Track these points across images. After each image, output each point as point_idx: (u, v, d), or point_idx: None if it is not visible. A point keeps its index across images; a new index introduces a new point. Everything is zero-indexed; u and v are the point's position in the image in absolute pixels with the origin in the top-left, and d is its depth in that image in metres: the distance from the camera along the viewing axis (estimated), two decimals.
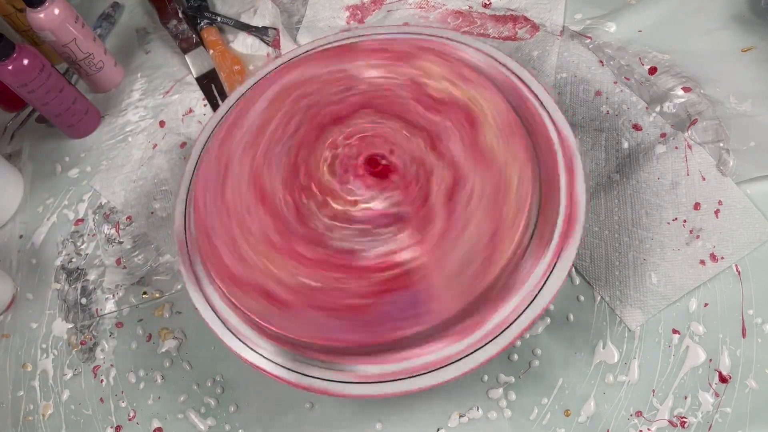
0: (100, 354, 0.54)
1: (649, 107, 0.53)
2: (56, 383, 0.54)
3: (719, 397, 0.43)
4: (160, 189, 0.60)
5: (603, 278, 0.47)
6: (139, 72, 0.69)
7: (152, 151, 0.63)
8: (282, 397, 0.48)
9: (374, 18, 0.65)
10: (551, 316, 0.47)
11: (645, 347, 0.45)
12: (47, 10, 0.59)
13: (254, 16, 0.68)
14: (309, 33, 0.65)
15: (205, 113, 0.64)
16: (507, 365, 0.46)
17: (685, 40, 0.55)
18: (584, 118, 0.54)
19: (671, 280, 0.46)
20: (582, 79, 0.56)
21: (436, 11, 0.64)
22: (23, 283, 0.59)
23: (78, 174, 0.64)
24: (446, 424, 0.46)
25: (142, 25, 0.73)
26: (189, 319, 0.53)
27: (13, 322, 0.57)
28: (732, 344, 0.44)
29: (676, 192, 0.49)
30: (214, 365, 0.51)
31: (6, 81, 0.57)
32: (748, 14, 0.55)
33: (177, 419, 0.50)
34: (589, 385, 0.45)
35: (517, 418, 0.45)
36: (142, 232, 0.58)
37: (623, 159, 0.51)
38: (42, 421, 0.52)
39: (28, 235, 0.62)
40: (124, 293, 0.56)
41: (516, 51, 0.59)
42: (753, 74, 0.52)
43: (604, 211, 0.50)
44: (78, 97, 0.63)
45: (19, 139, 0.69)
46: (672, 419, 0.43)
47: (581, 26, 0.59)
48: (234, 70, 0.65)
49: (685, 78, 0.53)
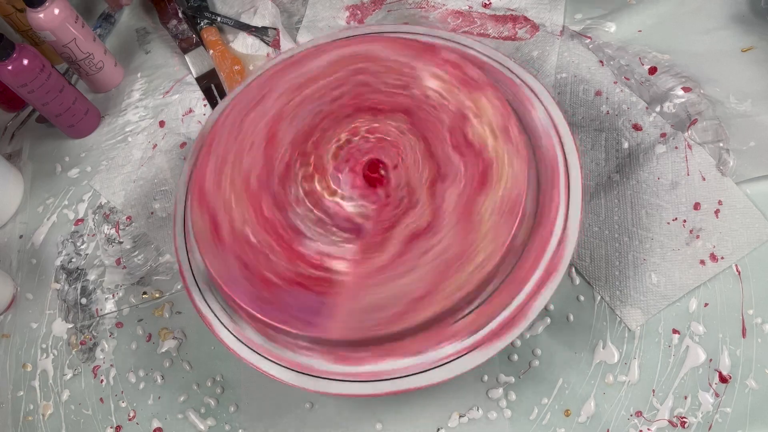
0: (100, 354, 0.54)
1: (649, 107, 0.53)
2: (56, 383, 0.54)
3: (719, 397, 0.43)
4: (160, 189, 0.60)
5: (603, 278, 0.47)
6: (139, 72, 0.69)
7: (152, 151, 0.63)
8: (282, 397, 0.48)
9: (374, 18, 0.66)
10: (551, 316, 0.47)
11: (645, 347, 0.45)
12: (47, 10, 0.59)
13: (254, 16, 0.68)
14: (309, 33, 0.65)
15: (205, 113, 0.64)
16: (507, 365, 0.46)
17: (685, 40, 0.55)
18: (584, 118, 0.54)
19: (671, 280, 0.46)
20: (582, 79, 0.56)
21: (436, 11, 0.64)
22: (23, 283, 0.59)
23: (78, 174, 0.64)
24: (446, 424, 0.46)
25: (142, 25, 0.73)
26: (189, 319, 0.53)
27: (13, 322, 0.57)
28: (732, 344, 0.44)
29: (676, 192, 0.49)
30: (214, 365, 0.51)
31: (6, 81, 0.57)
32: (748, 14, 0.55)
33: (177, 419, 0.50)
34: (589, 385, 0.45)
35: (517, 418, 0.45)
36: (142, 232, 0.58)
37: (623, 159, 0.51)
38: (42, 421, 0.52)
39: (28, 235, 0.62)
40: (124, 293, 0.56)
41: (516, 51, 0.59)
42: (753, 74, 0.52)
43: (604, 211, 0.50)
44: (78, 97, 0.63)
45: (19, 139, 0.69)
46: (672, 419, 0.43)
47: (581, 26, 0.59)
48: (234, 71, 0.65)
49: (685, 78, 0.53)
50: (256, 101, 0.47)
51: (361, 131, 0.45)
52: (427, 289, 0.38)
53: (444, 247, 0.39)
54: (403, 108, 0.45)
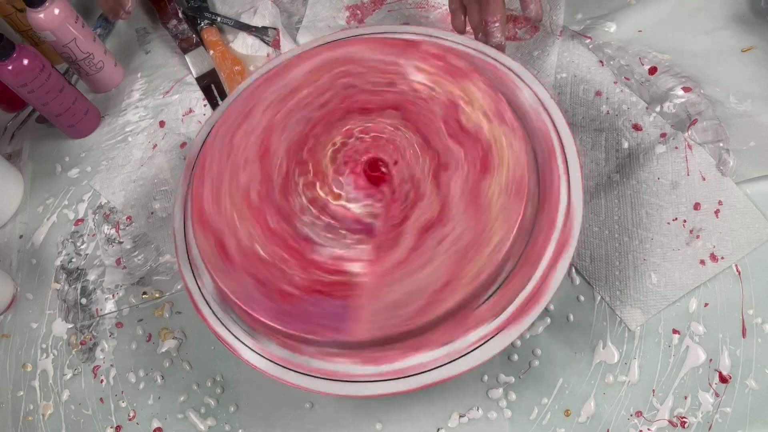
0: (100, 354, 0.54)
1: (649, 107, 0.53)
2: (56, 383, 0.53)
3: (719, 397, 0.43)
4: (160, 189, 0.60)
5: (603, 278, 0.47)
6: (139, 72, 0.69)
7: (152, 151, 0.63)
8: (282, 397, 0.48)
9: (374, 18, 0.66)
10: (551, 316, 0.47)
11: (645, 347, 0.45)
12: (47, 10, 0.59)
13: (254, 16, 0.68)
14: (309, 33, 0.65)
15: (205, 113, 0.64)
16: (507, 365, 0.46)
17: (685, 40, 0.55)
18: (584, 118, 0.54)
19: (671, 280, 0.46)
20: (582, 79, 0.56)
21: (436, 11, 0.64)
22: (23, 283, 0.59)
23: (78, 174, 0.64)
24: (446, 424, 0.46)
25: (142, 25, 0.73)
26: (189, 319, 0.53)
27: (13, 322, 0.57)
28: (732, 344, 0.44)
29: (676, 192, 0.49)
30: (214, 365, 0.51)
31: (6, 81, 0.57)
32: (748, 14, 0.55)
33: (177, 419, 0.50)
34: (589, 385, 0.45)
35: (517, 418, 0.45)
36: (142, 232, 0.58)
37: (623, 159, 0.51)
38: (42, 421, 0.52)
39: (28, 235, 0.62)
40: (124, 293, 0.56)
41: (516, 51, 0.59)
42: (753, 74, 0.52)
43: (604, 211, 0.50)
44: (78, 97, 0.63)
45: (19, 139, 0.69)
46: (672, 419, 0.43)
47: (581, 26, 0.59)
48: (234, 71, 0.65)
49: (685, 78, 0.53)
50: (242, 117, 0.47)
51: (355, 132, 0.45)
52: (448, 277, 0.38)
53: (458, 234, 0.40)
54: (393, 104, 0.45)
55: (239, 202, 0.43)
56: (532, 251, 0.40)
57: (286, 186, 0.44)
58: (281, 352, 0.41)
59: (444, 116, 0.44)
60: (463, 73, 0.45)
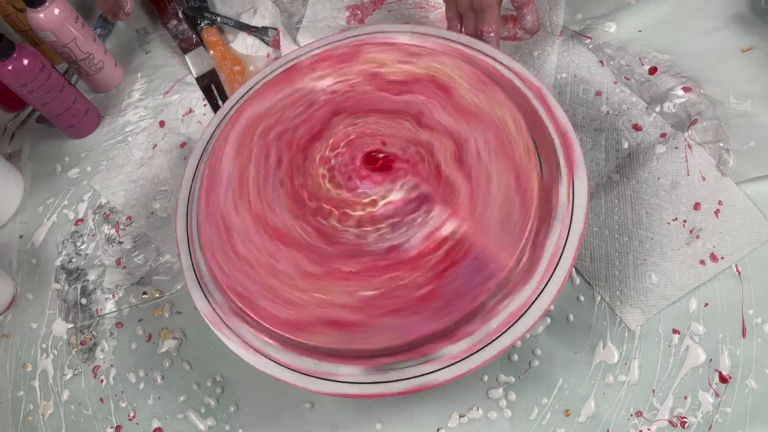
0: (100, 354, 0.54)
1: (649, 107, 0.53)
2: (56, 383, 0.53)
3: (719, 397, 0.43)
4: (160, 189, 0.60)
5: (603, 278, 0.47)
6: (139, 72, 0.69)
7: (152, 151, 0.63)
8: (282, 397, 0.48)
9: (374, 18, 0.66)
10: (551, 316, 0.47)
11: (645, 347, 0.45)
12: (47, 10, 0.59)
13: (254, 16, 0.68)
14: (309, 33, 0.65)
15: (205, 113, 0.64)
16: (507, 365, 0.46)
17: (685, 40, 0.55)
18: (584, 118, 0.54)
19: (671, 280, 0.46)
20: (582, 79, 0.56)
21: (436, 11, 0.64)
22: (23, 283, 0.59)
23: (78, 174, 0.64)
24: (446, 424, 0.46)
25: (142, 25, 0.73)
26: (189, 319, 0.53)
27: (13, 322, 0.57)
28: (732, 344, 0.44)
29: (676, 192, 0.49)
30: (214, 365, 0.51)
31: (6, 81, 0.57)
32: (748, 14, 0.55)
33: (177, 419, 0.50)
34: (589, 385, 0.45)
35: (517, 418, 0.45)
36: (142, 232, 0.58)
37: (623, 159, 0.51)
38: (42, 421, 0.52)
39: (28, 235, 0.62)
40: (124, 293, 0.56)
41: (516, 51, 0.59)
42: (753, 74, 0.52)
43: (604, 211, 0.50)
44: (78, 97, 0.63)
45: (19, 139, 0.69)
46: (672, 419, 0.43)
47: (581, 26, 0.59)
48: (234, 71, 0.65)
49: (685, 78, 0.53)
50: (225, 232, 0.44)
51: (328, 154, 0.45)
52: (513, 169, 0.41)
53: (484, 142, 0.43)
54: (331, 113, 0.47)
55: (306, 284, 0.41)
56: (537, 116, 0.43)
57: (327, 236, 0.42)
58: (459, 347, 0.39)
59: (376, 87, 0.47)
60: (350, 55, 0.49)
